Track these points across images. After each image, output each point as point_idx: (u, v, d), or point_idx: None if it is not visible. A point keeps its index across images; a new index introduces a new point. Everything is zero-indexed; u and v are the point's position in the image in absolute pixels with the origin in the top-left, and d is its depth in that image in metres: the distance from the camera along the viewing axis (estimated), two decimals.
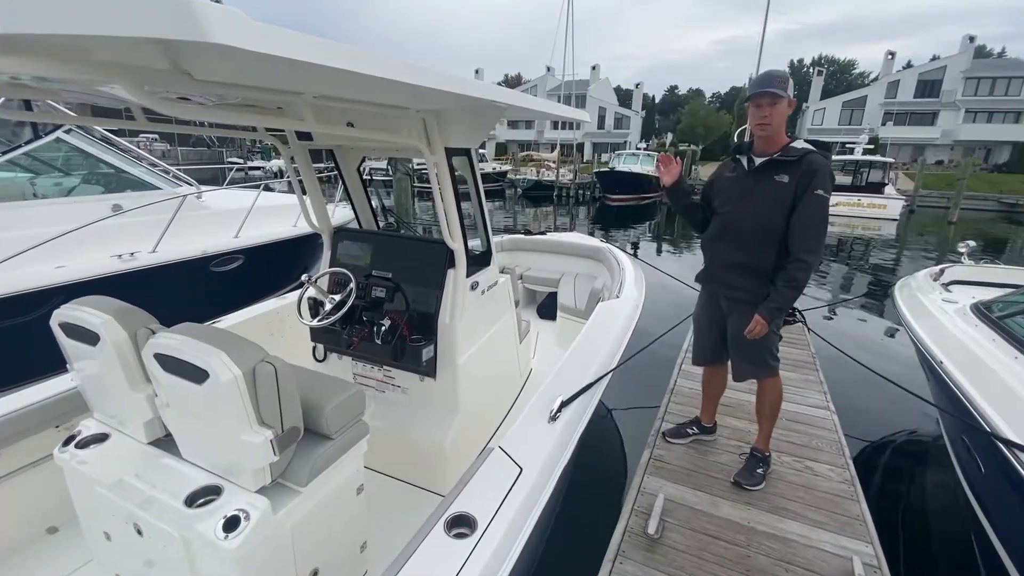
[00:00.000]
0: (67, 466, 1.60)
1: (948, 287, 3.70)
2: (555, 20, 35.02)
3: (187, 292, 4.30)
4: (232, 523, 1.30)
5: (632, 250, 12.01)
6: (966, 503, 2.60)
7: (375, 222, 2.94)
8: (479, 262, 2.48)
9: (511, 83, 59.54)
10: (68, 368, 1.75)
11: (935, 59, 41.20)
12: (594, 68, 47.86)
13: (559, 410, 1.95)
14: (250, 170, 23.61)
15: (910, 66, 42.09)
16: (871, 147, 23.00)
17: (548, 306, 4.57)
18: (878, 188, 20.48)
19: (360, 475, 1.74)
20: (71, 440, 1.65)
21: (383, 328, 2.15)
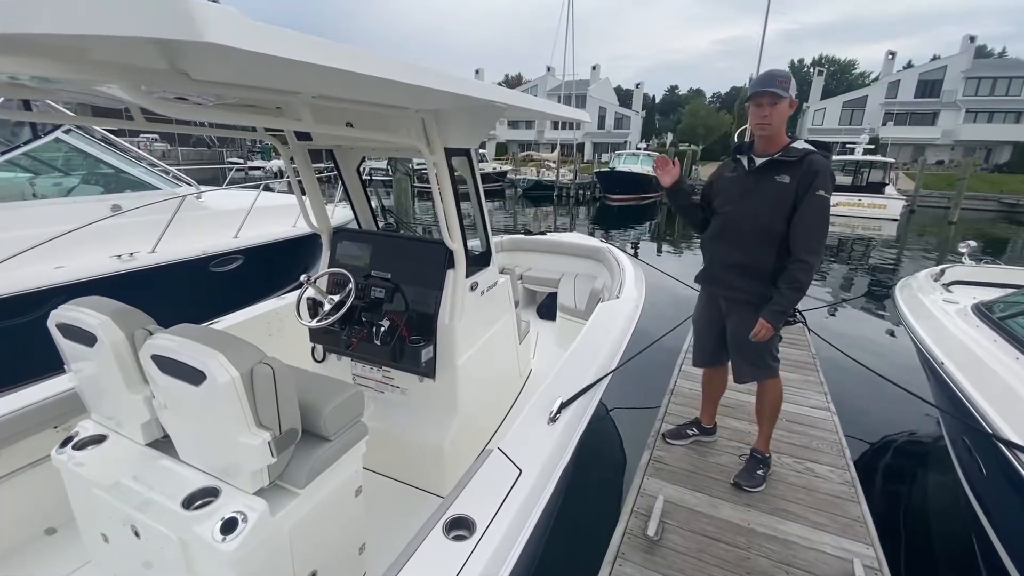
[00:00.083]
0: (64, 467, 1.60)
1: (949, 287, 3.69)
2: (555, 20, 35.10)
3: (187, 292, 4.29)
4: (230, 525, 1.30)
5: (632, 250, 12.05)
6: (967, 504, 2.59)
7: (374, 222, 2.93)
8: (479, 262, 2.47)
9: (511, 83, 59.52)
10: (66, 369, 1.74)
11: (935, 59, 41.17)
12: (594, 68, 47.85)
13: (559, 411, 1.94)
14: (250, 170, 23.60)
15: (910, 66, 42.08)
16: (871, 147, 22.98)
17: (548, 306, 4.57)
18: (878, 188, 20.47)
19: (359, 476, 1.74)
20: (68, 441, 1.64)
21: (382, 329, 2.14)
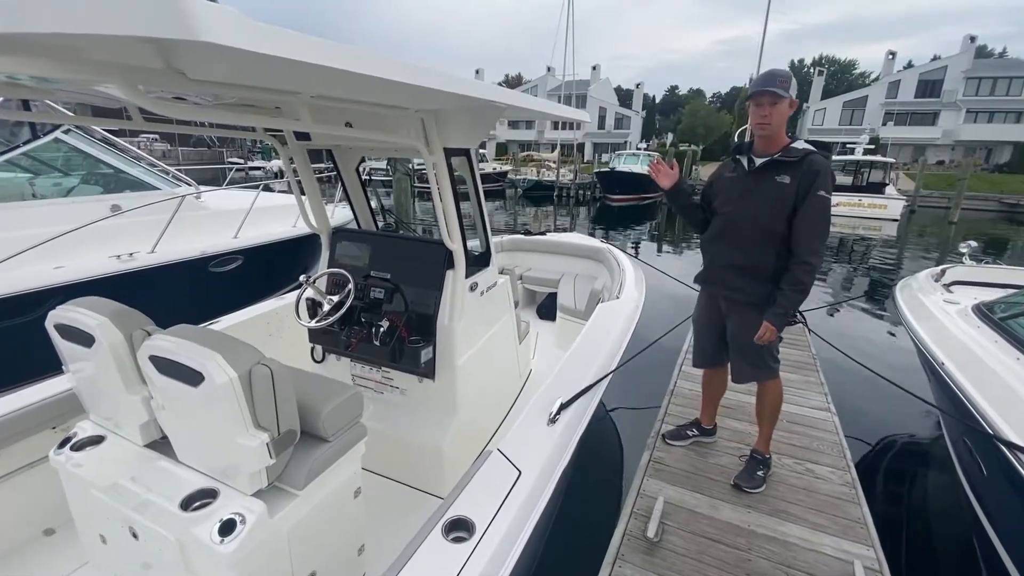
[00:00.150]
0: (63, 468, 1.59)
1: (949, 288, 3.69)
2: (555, 20, 35.17)
3: (186, 293, 4.29)
4: (228, 527, 1.29)
5: (633, 250, 12.04)
6: (968, 505, 2.59)
7: (374, 222, 2.93)
8: (478, 263, 2.46)
9: (512, 83, 59.52)
10: (64, 370, 1.74)
11: (936, 59, 41.16)
12: (594, 68, 47.84)
13: (558, 412, 1.93)
14: (250, 170, 23.61)
15: (911, 66, 42.06)
16: (872, 147, 22.97)
17: (548, 307, 4.56)
18: (879, 188, 20.46)
19: (358, 478, 1.73)
20: (66, 442, 1.64)
21: (381, 329, 2.13)
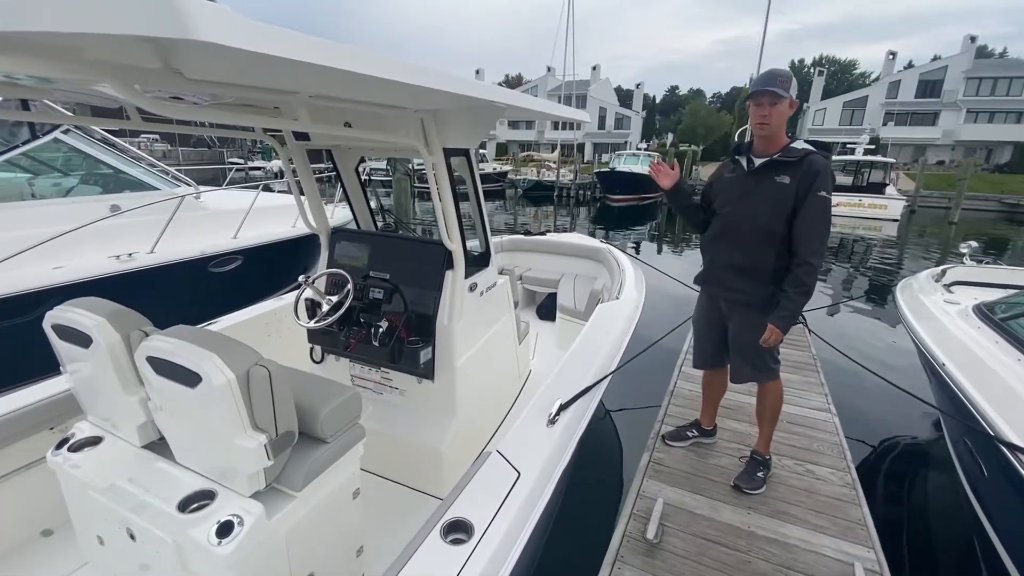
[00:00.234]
0: (60, 469, 1.59)
1: (950, 288, 3.68)
2: (555, 20, 35.12)
3: (185, 293, 4.28)
4: (225, 528, 1.29)
5: (633, 251, 12.03)
6: (968, 506, 2.58)
7: (373, 223, 2.92)
8: (478, 263, 2.46)
9: (512, 83, 59.51)
10: (61, 370, 1.73)
11: (936, 59, 41.13)
12: (595, 68, 47.83)
13: (558, 413, 1.93)
14: (251, 170, 23.60)
15: (911, 66, 42.03)
16: (872, 147, 22.95)
17: (548, 307, 4.56)
18: (879, 188, 20.46)
19: (356, 479, 1.73)
20: (64, 443, 1.64)
21: (380, 330, 2.13)
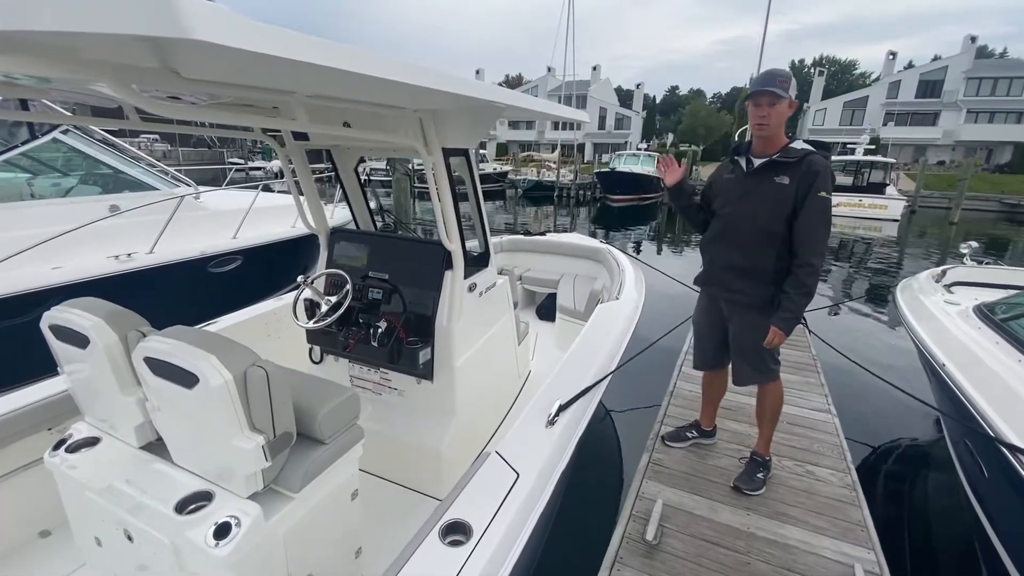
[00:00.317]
0: (57, 470, 1.58)
1: (950, 288, 3.67)
2: (555, 20, 35.17)
3: (185, 293, 4.28)
4: (223, 530, 1.28)
5: (633, 251, 12.02)
6: (969, 508, 2.57)
7: (372, 223, 2.92)
8: (477, 263, 2.46)
9: (512, 83, 59.51)
10: (59, 371, 1.73)
11: (936, 59, 41.11)
12: (595, 68, 47.83)
13: (557, 414, 1.92)
14: (251, 170, 23.59)
15: (911, 66, 42.02)
16: (872, 147, 22.96)
17: (547, 307, 4.55)
18: (879, 189, 20.46)
19: (355, 480, 1.72)
20: (62, 444, 1.63)
21: (379, 330, 2.12)
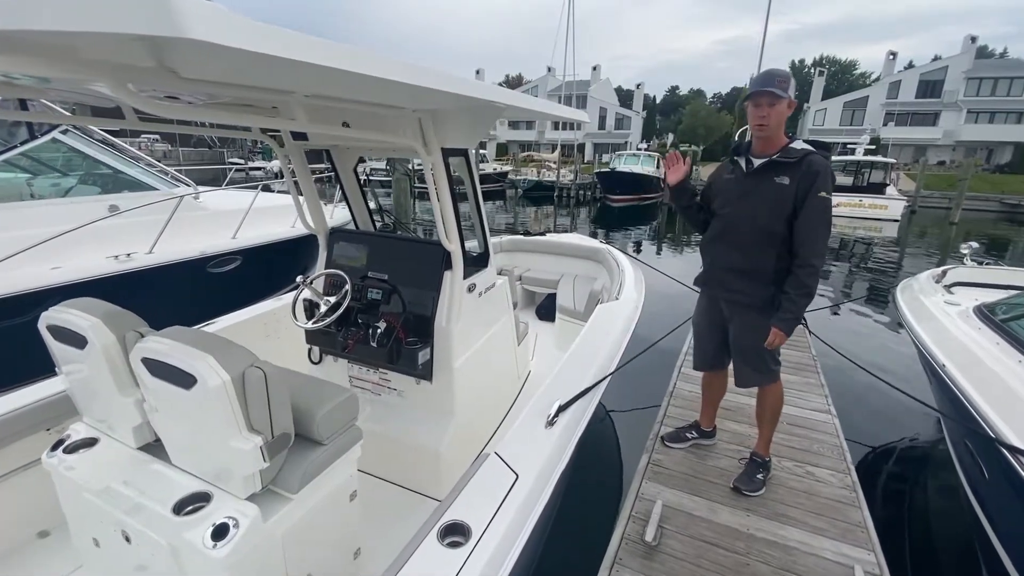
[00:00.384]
0: (55, 471, 1.58)
1: (950, 289, 3.67)
2: (555, 20, 35.18)
3: (184, 293, 4.27)
4: (221, 531, 1.28)
5: (633, 251, 12.01)
6: (969, 509, 2.57)
7: (372, 223, 2.91)
8: (476, 264, 2.45)
9: (512, 83, 59.51)
10: (57, 371, 1.73)
11: (937, 59, 41.11)
12: (595, 69, 47.84)
13: (556, 415, 1.92)
14: (251, 171, 23.59)
15: (911, 66, 42.02)
16: (872, 148, 22.95)
17: (547, 307, 4.55)
18: (879, 189, 20.47)
19: (353, 481, 1.72)
20: (59, 444, 1.63)
21: (378, 331, 2.12)
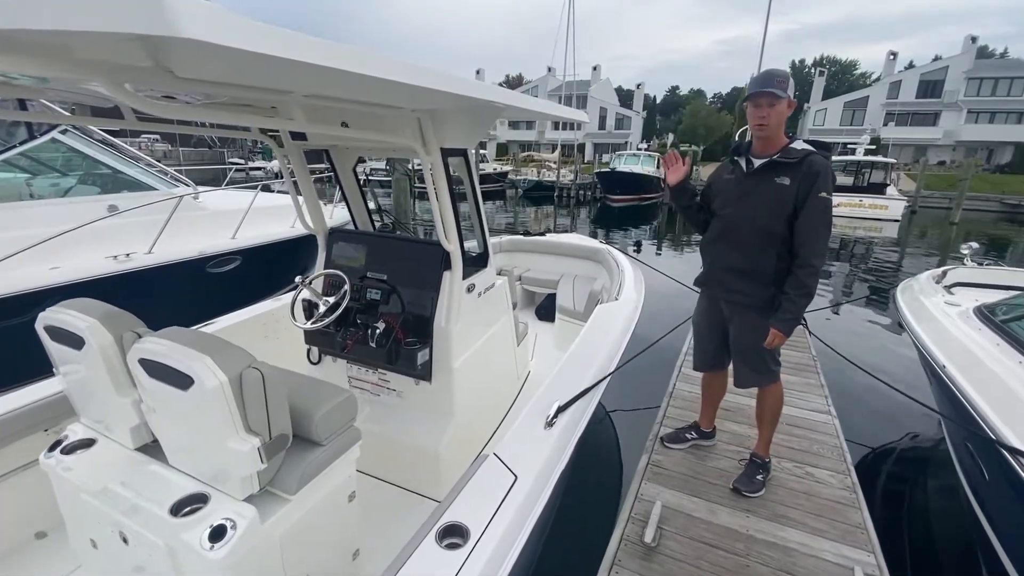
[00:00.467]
0: (52, 472, 1.58)
1: (951, 289, 3.66)
2: (555, 20, 35.18)
3: (184, 293, 4.27)
4: (218, 533, 1.27)
5: (633, 251, 12.00)
6: (970, 510, 2.56)
7: (371, 223, 2.91)
8: (476, 264, 2.45)
9: (512, 84, 59.51)
10: (54, 372, 1.72)
11: (937, 59, 41.09)
12: (595, 69, 47.84)
13: (555, 415, 1.91)
14: (251, 170, 23.59)
15: (912, 66, 42.00)
16: (873, 148, 22.94)
17: (547, 308, 4.54)
18: (880, 189, 20.47)
19: (352, 482, 1.71)
20: (57, 445, 1.62)
21: (377, 331, 2.11)
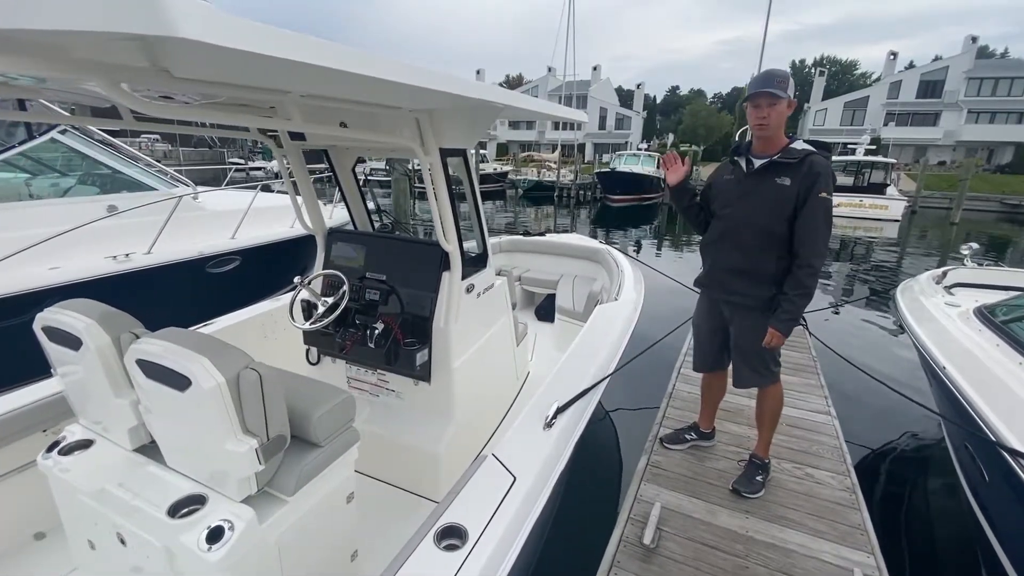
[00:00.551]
0: (50, 473, 1.57)
1: (951, 290, 3.66)
2: (555, 20, 35.21)
3: (183, 294, 4.27)
4: (216, 534, 1.27)
5: (633, 251, 12.00)
6: (970, 512, 2.56)
7: (370, 223, 2.90)
8: (475, 264, 2.44)
9: (512, 84, 59.53)
10: (52, 372, 1.72)
11: (937, 59, 41.08)
12: (595, 69, 47.84)
13: (554, 416, 1.91)
14: (251, 171, 23.60)
15: (912, 67, 42.00)
16: (873, 148, 22.95)
17: (546, 308, 4.54)
18: (880, 189, 20.48)
19: (351, 483, 1.71)
20: (55, 446, 1.62)
21: (376, 331, 2.11)
